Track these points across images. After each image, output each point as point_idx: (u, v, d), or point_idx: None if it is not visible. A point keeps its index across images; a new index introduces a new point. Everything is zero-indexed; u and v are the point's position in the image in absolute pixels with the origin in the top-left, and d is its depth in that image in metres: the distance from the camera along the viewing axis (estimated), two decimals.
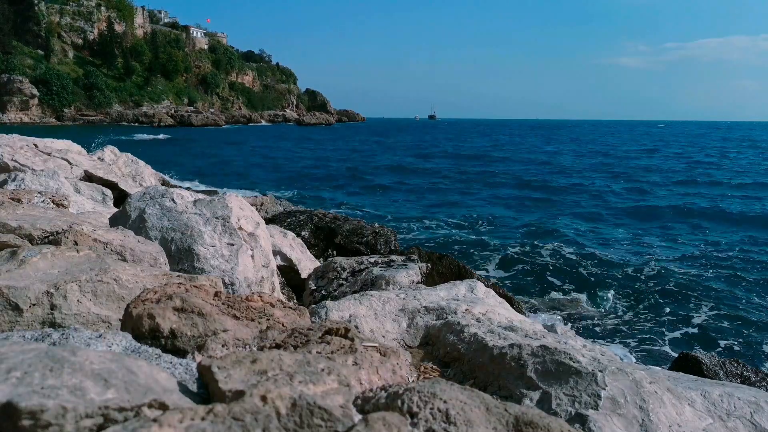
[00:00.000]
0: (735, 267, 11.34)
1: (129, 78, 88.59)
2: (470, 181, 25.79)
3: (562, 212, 17.70)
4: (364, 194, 21.31)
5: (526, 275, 10.53)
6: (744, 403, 2.08)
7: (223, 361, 1.10)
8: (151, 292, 1.59)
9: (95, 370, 0.93)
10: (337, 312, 2.70)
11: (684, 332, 8.01)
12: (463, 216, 16.67)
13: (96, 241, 2.31)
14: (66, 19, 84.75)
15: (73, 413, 0.82)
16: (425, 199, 20.22)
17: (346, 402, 1.05)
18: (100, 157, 8.07)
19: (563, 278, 10.39)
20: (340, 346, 1.38)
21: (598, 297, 9.37)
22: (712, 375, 4.24)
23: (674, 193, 22.41)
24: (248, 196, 11.22)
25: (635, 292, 9.65)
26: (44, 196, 3.56)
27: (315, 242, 7.13)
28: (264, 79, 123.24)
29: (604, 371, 1.93)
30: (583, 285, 10.00)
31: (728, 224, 15.83)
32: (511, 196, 21.04)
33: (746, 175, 29.18)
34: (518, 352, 2.08)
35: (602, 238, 13.97)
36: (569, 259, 11.57)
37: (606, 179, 26.83)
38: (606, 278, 10.38)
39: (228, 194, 3.63)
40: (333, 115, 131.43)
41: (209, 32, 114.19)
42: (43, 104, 73.91)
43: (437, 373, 2.27)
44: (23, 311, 1.65)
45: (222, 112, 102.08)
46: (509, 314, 3.00)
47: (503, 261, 11.44)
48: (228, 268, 3.05)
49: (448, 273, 5.39)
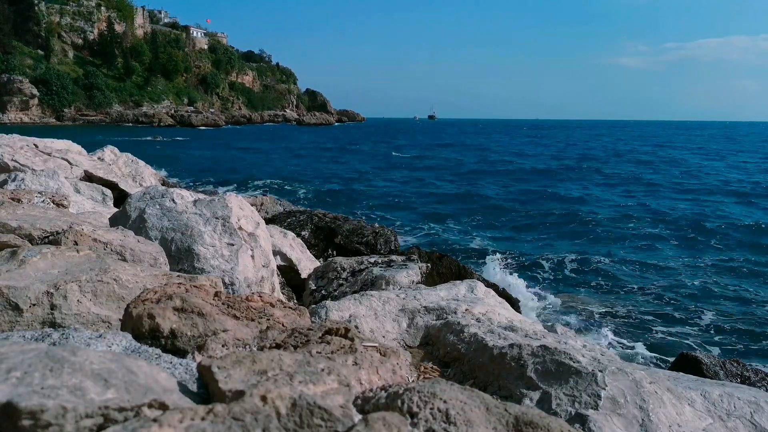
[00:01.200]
0: (735, 266, 11.35)
1: (129, 78, 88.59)
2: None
3: (562, 212, 17.70)
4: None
5: (526, 275, 10.54)
6: (744, 403, 2.08)
7: (223, 361, 1.10)
8: (151, 292, 1.59)
9: (95, 370, 0.93)
10: (337, 312, 2.70)
11: (684, 332, 8.01)
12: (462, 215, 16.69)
13: (96, 241, 2.31)
14: (66, 19, 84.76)
15: (73, 413, 0.82)
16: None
17: (346, 402, 1.05)
18: (100, 157, 8.08)
19: (564, 278, 10.40)
20: (340, 346, 1.38)
21: (599, 297, 9.37)
22: (712, 375, 4.24)
23: (680, 189, 22.45)
24: (248, 196, 11.24)
25: (635, 292, 9.65)
26: (44, 196, 3.56)
27: (315, 242, 7.14)
28: (264, 79, 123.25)
29: (604, 371, 1.93)
30: (584, 285, 10.01)
31: (729, 223, 15.84)
32: (509, 196, 21.06)
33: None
34: (518, 352, 2.08)
35: (602, 238, 13.97)
36: (570, 260, 11.57)
37: (605, 182, 26.85)
38: (606, 278, 10.39)
39: (228, 194, 3.63)
40: (333, 115, 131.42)
41: (209, 32, 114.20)
42: (43, 104, 73.92)
43: (437, 373, 2.27)
44: (23, 311, 1.65)
45: (222, 112, 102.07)
46: (509, 314, 3.00)
47: (503, 261, 11.45)
48: (228, 268, 3.05)
49: (448, 273, 5.39)
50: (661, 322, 8.35)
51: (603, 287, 9.89)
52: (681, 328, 8.17)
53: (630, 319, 8.41)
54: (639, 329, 8.05)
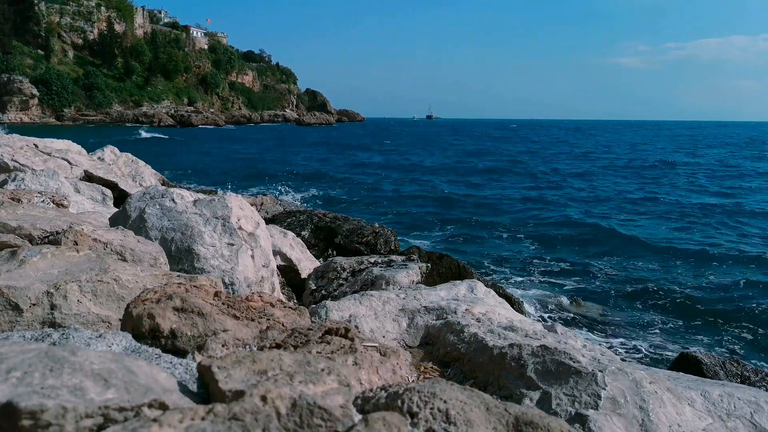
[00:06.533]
0: (735, 267, 11.35)
1: (129, 78, 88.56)
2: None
3: (564, 212, 17.70)
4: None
5: (526, 275, 10.53)
6: (744, 403, 2.08)
7: (223, 361, 1.10)
8: (151, 292, 1.59)
9: (95, 370, 0.93)
10: (337, 312, 2.70)
11: (684, 332, 8.01)
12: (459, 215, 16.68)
13: (96, 241, 2.31)
14: (66, 19, 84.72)
15: (73, 413, 0.82)
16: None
17: (346, 402, 1.05)
18: (100, 157, 8.08)
19: (564, 278, 10.40)
20: (340, 346, 1.38)
21: (599, 297, 9.37)
22: (712, 375, 4.25)
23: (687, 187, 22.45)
24: (248, 196, 11.23)
25: (636, 291, 9.65)
26: (44, 196, 3.56)
27: (315, 242, 7.14)
28: (264, 79, 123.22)
29: (604, 371, 1.93)
30: (584, 285, 10.01)
31: (728, 224, 15.84)
32: (507, 195, 21.05)
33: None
34: (518, 352, 2.08)
35: (602, 239, 13.97)
36: (570, 260, 11.58)
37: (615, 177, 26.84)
38: (606, 278, 10.39)
39: (228, 194, 3.63)
40: (333, 115, 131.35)
41: (209, 32, 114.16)
42: (43, 104, 73.87)
43: (437, 373, 2.27)
44: (23, 311, 1.65)
45: (222, 112, 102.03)
46: (509, 314, 3.00)
47: (503, 261, 11.45)
48: (228, 268, 3.05)
49: (448, 273, 5.40)
50: (661, 322, 8.35)
51: (603, 287, 9.89)
52: (681, 327, 8.17)
53: (630, 319, 8.41)
54: (639, 329, 8.05)
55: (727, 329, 8.12)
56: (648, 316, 8.52)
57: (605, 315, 8.57)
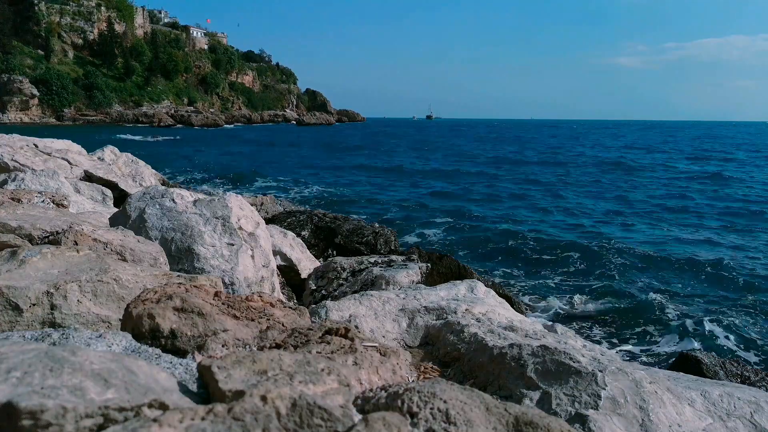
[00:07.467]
0: (734, 267, 11.35)
1: (129, 78, 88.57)
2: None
3: (563, 213, 17.70)
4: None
5: (526, 275, 10.53)
6: (744, 403, 2.08)
7: (223, 361, 1.10)
8: (151, 292, 1.59)
9: (95, 370, 0.93)
10: (337, 312, 2.70)
11: (684, 332, 8.01)
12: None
13: (96, 241, 2.31)
14: (66, 19, 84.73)
15: (73, 413, 0.82)
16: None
17: (346, 402, 1.05)
18: (100, 157, 8.08)
19: (564, 278, 10.40)
20: (340, 346, 1.38)
21: (599, 297, 9.36)
22: (712, 375, 4.25)
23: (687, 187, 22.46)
24: (248, 196, 11.23)
25: (636, 292, 9.65)
26: (44, 196, 3.56)
27: (315, 242, 7.14)
28: (264, 79, 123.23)
29: (604, 371, 1.93)
30: (584, 285, 10.00)
31: (730, 223, 15.85)
32: (505, 193, 21.06)
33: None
34: (518, 352, 2.08)
35: (602, 239, 13.97)
36: (570, 260, 11.58)
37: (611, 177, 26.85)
38: (606, 278, 10.39)
39: (228, 194, 3.63)
40: (333, 115, 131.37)
41: (209, 32, 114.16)
42: (43, 104, 73.90)
43: (437, 373, 2.27)
44: (23, 311, 1.65)
45: (222, 112, 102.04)
46: (509, 314, 3.00)
47: (503, 261, 11.45)
48: (228, 268, 3.05)
49: (448, 273, 5.39)
50: (661, 321, 8.35)
51: (603, 287, 9.89)
52: (681, 327, 8.17)
53: (630, 319, 8.41)
54: (639, 329, 8.05)
55: (727, 329, 8.12)
56: (648, 316, 8.52)
57: (605, 315, 8.57)
